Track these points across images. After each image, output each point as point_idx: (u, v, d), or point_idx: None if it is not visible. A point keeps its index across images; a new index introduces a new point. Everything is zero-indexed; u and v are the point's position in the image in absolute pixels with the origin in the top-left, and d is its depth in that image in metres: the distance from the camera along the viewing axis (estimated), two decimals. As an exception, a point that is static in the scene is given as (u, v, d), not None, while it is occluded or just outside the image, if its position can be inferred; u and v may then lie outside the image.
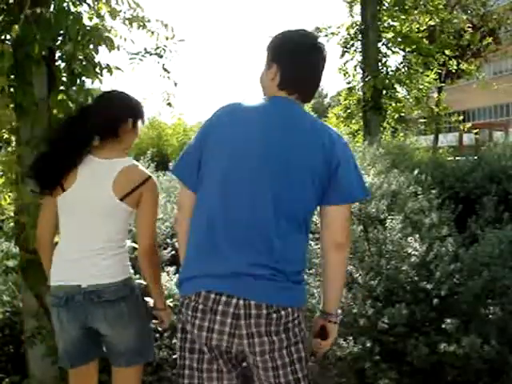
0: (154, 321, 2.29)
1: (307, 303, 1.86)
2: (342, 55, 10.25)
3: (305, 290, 1.80)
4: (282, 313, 1.65)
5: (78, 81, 2.89)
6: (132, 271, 2.20)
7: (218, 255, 1.67)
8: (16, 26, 2.47)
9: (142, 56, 3.29)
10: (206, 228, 1.71)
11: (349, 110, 10.74)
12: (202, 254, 1.71)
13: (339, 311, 1.87)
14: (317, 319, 1.89)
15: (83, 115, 2.18)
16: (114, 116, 2.16)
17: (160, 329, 2.24)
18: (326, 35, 10.81)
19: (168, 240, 3.80)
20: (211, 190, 1.73)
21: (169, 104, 3.61)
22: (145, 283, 2.27)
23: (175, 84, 3.36)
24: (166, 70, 3.38)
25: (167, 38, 3.29)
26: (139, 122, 2.25)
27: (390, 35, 9.57)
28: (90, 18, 3.00)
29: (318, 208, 1.81)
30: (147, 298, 2.26)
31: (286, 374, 1.68)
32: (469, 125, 14.24)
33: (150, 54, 3.30)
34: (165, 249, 3.77)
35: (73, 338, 2.12)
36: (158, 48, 3.32)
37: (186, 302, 1.70)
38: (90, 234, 2.10)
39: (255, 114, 1.78)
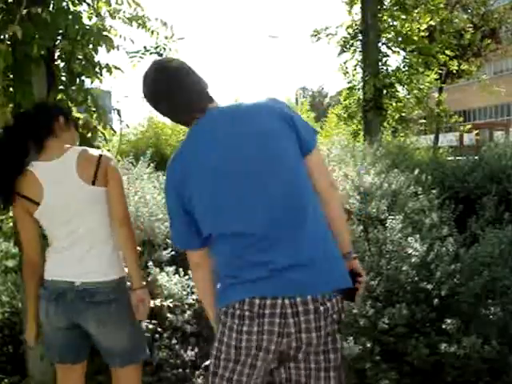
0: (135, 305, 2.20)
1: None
2: (340, 54, 10.26)
3: (345, 268, 1.77)
4: (328, 305, 1.65)
5: (78, 80, 2.89)
6: (126, 270, 2.19)
7: (250, 261, 1.66)
8: (14, 26, 2.46)
9: (142, 54, 3.28)
10: (229, 251, 1.69)
11: (349, 110, 10.74)
12: (233, 268, 1.69)
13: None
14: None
15: (16, 123, 2.22)
16: (44, 117, 2.19)
17: (141, 314, 2.18)
18: (327, 35, 10.82)
19: (168, 240, 3.79)
20: (220, 213, 1.69)
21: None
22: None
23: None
24: (165, 69, 3.36)
25: (167, 38, 3.29)
26: (71, 122, 2.28)
27: (390, 35, 9.57)
28: (90, 18, 3.00)
29: None
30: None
31: (317, 360, 1.69)
32: (469, 126, 14.25)
33: (150, 53, 3.30)
34: (165, 249, 3.77)
35: (61, 331, 2.13)
36: (157, 47, 3.32)
37: (230, 311, 1.67)
38: (80, 232, 2.11)
39: (205, 136, 1.74)
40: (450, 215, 3.72)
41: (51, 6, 2.78)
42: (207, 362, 1.77)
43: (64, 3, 2.79)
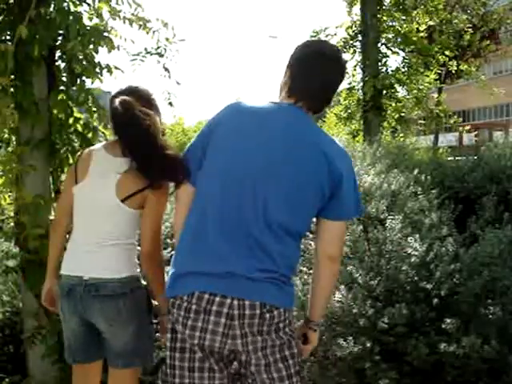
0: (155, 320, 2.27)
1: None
2: None
3: (294, 292, 1.81)
4: (275, 313, 1.67)
5: (78, 81, 2.90)
6: (139, 270, 2.18)
7: (213, 253, 1.68)
8: (22, 27, 2.45)
9: (143, 56, 3.29)
10: (201, 221, 1.72)
11: (349, 110, 10.74)
12: (197, 248, 1.71)
13: (321, 320, 1.91)
14: (300, 325, 1.94)
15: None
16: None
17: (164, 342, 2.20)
18: (326, 36, 10.82)
19: (168, 240, 3.80)
20: (211, 185, 1.73)
21: (170, 103, 3.61)
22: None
23: (178, 83, 3.36)
24: (166, 69, 3.38)
25: (167, 39, 3.29)
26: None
27: (389, 35, 9.57)
28: (90, 18, 3.01)
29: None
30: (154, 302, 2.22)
31: (278, 369, 1.69)
32: (467, 127, 14.26)
33: (151, 54, 3.30)
34: (165, 249, 3.77)
35: (74, 330, 2.12)
36: (158, 48, 3.32)
37: (178, 302, 1.69)
38: (95, 228, 2.10)
39: (260, 120, 1.76)
40: (450, 215, 3.72)
41: (52, 6, 2.79)
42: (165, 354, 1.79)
43: (65, 4, 2.79)
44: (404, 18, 9.62)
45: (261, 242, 1.67)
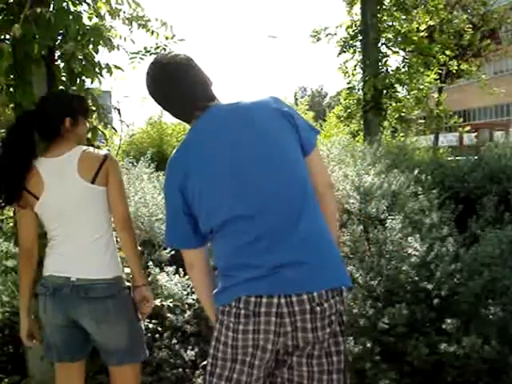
0: (139, 304, 2.22)
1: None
2: (339, 54, 10.25)
3: (344, 267, 1.78)
4: (325, 305, 1.64)
5: (78, 80, 2.89)
6: (125, 270, 2.21)
7: (247, 260, 1.66)
8: (17, 26, 2.46)
9: (143, 55, 3.29)
10: (231, 248, 1.70)
11: (349, 110, 10.73)
12: (231, 267, 1.70)
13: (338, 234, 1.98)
14: None
15: (24, 121, 2.23)
16: (51, 119, 2.20)
17: (145, 311, 2.21)
18: (326, 36, 10.81)
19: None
20: (219, 215, 1.70)
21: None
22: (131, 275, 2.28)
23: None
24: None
25: (167, 38, 3.29)
26: (81, 118, 2.28)
27: (390, 35, 9.56)
28: (90, 18, 3.00)
29: None
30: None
31: (320, 363, 1.68)
32: (467, 128, 14.27)
33: (151, 54, 3.30)
34: (165, 249, 3.77)
35: (59, 327, 2.13)
36: (158, 47, 3.32)
37: (227, 309, 1.67)
38: (79, 229, 2.13)
39: (207, 134, 1.75)
40: (450, 215, 3.72)
41: (52, 6, 2.78)
42: (206, 362, 1.77)
43: (64, 3, 2.79)
44: (404, 17, 9.61)
45: (290, 231, 1.65)
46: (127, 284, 2.23)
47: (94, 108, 2.97)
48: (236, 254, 1.69)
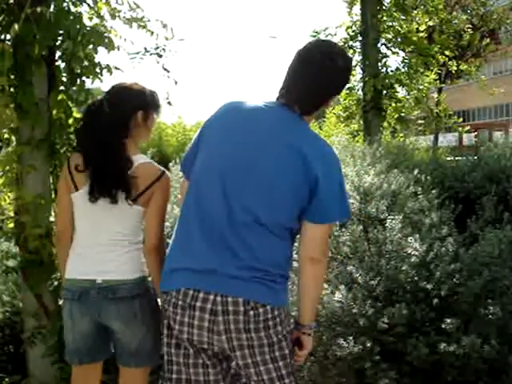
0: None
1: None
2: None
3: (286, 290, 1.80)
4: (260, 310, 1.67)
5: (78, 81, 2.90)
6: (147, 270, 2.19)
7: (197, 251, 1.71)
8: (16, 26, 2.47)
9: (143, 55, 3.29)
10: (187, 220, 1.77)
11: (349, 110, 10.73)
12: (184, 246, 1.76)
13: (314, 323, 1.87)
14: (293, 330, 1.89)
15: (98, 112, 2.12)
16: (123, 112, 2.11)
17: None
18: (326, 36, 10.81)
19: (168, 240, 3.80)
20: (195, 184, 1.79)
21: (169, 103, 3.61)
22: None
23: (175, 82, 3.36)
24: (165, 69, 3.38)
25: (167, 38, 3.29)
26: (152, 114, 2.19)
27: (389, 35, 9.56)
28: (90, 18, 3.01)
29: None
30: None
31: (268, 370, 1.69)
32: (467, 128, 14.27)
33: (150, 54, 3.30)
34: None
35: (84, 333, 2.11)
36: (157, 48, 3.32)
37: (168, 298, 1.74)
38: (103, 231, 2.10)
39: (244, 119, 1.79)
40: (450, 215, 3.72)
41: (52, 6, 2.79)
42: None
43: (65, 4, 2.79)
44: (404, 18, 9.61)
45: (239, 240, 1.68)
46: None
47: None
48: (186, 228, 1.77)
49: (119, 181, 2.04)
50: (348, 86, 10.54)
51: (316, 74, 1.74)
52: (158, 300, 2.21)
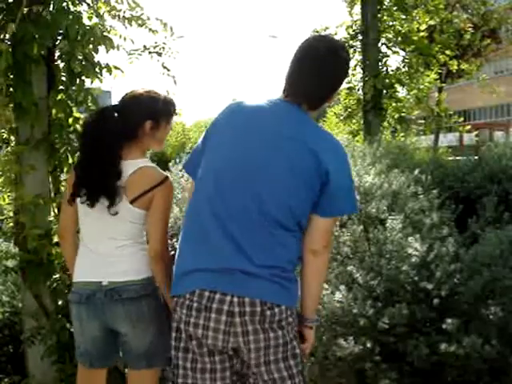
0: None
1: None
2: None
3: (297, 290, 1.81)
4: (276, 310, 1.67)
5: (78, 80, 2.89)
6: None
7: (212, 250, 1.69)
8: (12, 25, 2.46)
9: (142, 52, 3.29)
10: (198, 221, 1.75)
11: (349, 110, 10.73)
12: (196, 247, 1.73)
13: (316, 317, 1.89)
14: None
15: (104, 119, 2.11)
16: (130, 120, 2.09)
17: None
18: (326, 35, 10.80)
19: (168, 240, 3.79)
20: (205, 185, 1.76)
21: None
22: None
23: (175, 82, 3.36)
24: (165, 67, 3.38)
25: (166, 37, 3.29)
26: (164, 123, 2.17)
27: (390, 35, 9.56)
28: (90, 18, 3.00)
29: None
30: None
31: (279, 369, 1.69)
32: (468, 127, 14.25)
33: (150, 52, 3.30)
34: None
35: (93, 336, 2.10)
36: (157, 46, 3.32)
37: (181, 300, 1.71)
38: (107, 234, 2.09)
39: (251, 117, 1.79)
40: (450, 215, 3.72)
41: (51, 6, 2.78)
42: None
43: (64, 3, 2.79)
44: (404, 17, 9.60)
45: (255, 238, 1.68)
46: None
47: (94, 108, 2.97)
48: (199, 226, 1.74)
49: (105, 188, 2.03)
50: (348, 85, 10.55)
51: (322, 68, 1.76)
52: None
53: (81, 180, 2.07)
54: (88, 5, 2.99)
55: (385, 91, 9.21)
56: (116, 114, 2.11)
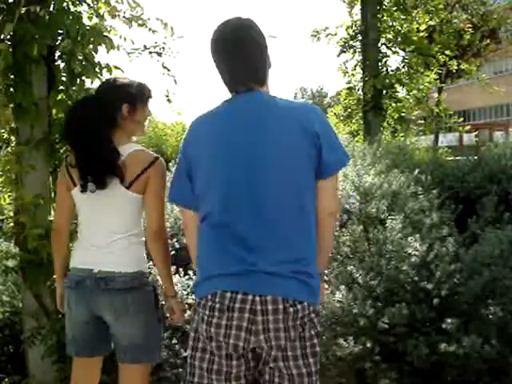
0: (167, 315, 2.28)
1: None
2: (339, 54, 10.25)
3: (318, 286, 1.80)
4: (299, 307, 1.67)
5: (78, 80, 2.90)
6: (147, 267, 2.20)
7: (230, 254, 1.69)
8: (10, 25, 2.46)
9: (142, 51, 3.29)
10: (211, 231, 1.74)
11: (349, 110, 10.72)
12: (214, 253, 1.73)
13: (325, 271, 1.93)
14: None
15: (84, 107, 2.16)
16: (108, 105, 2.12)
17: (174, 323, 2.23)
18: (326, 36, 10.80)
19: (168, 240, 3.80)
20: (212, 197, 1.75)
21: (168, 100, 3.60)
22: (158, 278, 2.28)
23: (175, 82, 3.36)
24: (165, 67, 3.38)
25: (166, 37, 3.29)
26: (140, 106, 2.20)
27: (390, 35, 9.56)
28: (90, 18, 3.00)
29: None
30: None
31: (298, 366, 1.69)
32: (467, 127, 14.25)
33: (150, 52, 3.30)
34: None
35: (80, 323, 2.13)
36: (156, 46, 3.32)
37: (203, 302, 1.71)
38: (103, 223, 2.12)
39: (227, 118, 1.79)
40: (450, 215, 3.72)
41: (52, 6, 2.78)
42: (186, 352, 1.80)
43: (64, 3, 2.79)
44: (404, 17, 9.60)
45: (272, 235, 1.68)
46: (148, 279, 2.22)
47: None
48: (221, 247, 1.72)
49: (109, 166, 2.06)
50: (348, 85, 10.55)
51: (240, 46, 1.80)
52: (160, 297, 2.23)
53: (83, 170, 2.09)
54: (88, 5, 2.99)
55: (385, 91, 9.21)
56: (94, 102, 2.15)
